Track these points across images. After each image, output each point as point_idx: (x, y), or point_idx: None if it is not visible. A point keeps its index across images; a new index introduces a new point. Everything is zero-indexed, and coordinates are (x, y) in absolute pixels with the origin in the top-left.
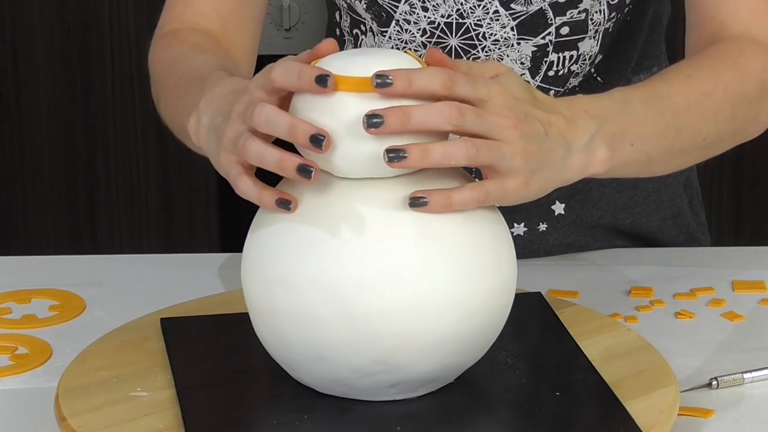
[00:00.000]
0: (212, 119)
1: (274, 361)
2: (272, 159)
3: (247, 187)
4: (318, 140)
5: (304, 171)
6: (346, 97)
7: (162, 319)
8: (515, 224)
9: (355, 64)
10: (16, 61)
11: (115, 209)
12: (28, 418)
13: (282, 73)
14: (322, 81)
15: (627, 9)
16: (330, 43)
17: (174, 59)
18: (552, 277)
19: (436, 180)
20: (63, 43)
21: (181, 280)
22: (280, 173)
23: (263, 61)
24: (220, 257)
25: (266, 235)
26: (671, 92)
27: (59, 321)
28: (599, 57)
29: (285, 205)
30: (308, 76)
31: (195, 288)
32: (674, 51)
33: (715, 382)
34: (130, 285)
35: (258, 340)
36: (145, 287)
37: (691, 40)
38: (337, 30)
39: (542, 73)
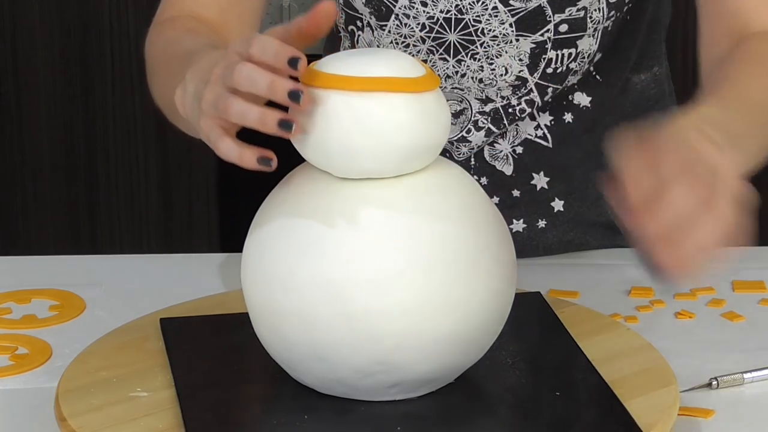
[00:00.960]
0: (196, 87)
1: (274, 361)
2: (254, 115)
3: (227, 148)
4: (296, 95)
5: (285, 125)
6: (339, 96)
7: (162, 319)
8: (514, 221)
9: (354, 64)
10: (16, 61)
11: (115, 209)
12: (28, 418)
13: (260, 49)
14: (293, 63)
15: (626, 8)
16: (329, 5)
17: (168, 42)
18: (552, 277)
19: (437, 179)
20: (63, 43)
21: (181, 280)
22: (261, 129)
23: None
24: (220, 257)
25: (266, 235)
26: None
27: (59, 321)
28: (598, 55)
29: (266, 162)
30: (282, 57)
31: (195, 288)
32: (674, 51)
33: (715, 382)
34: (130, 285)
35: (258, 340)
36: (145, 287)
37: (707, 33)
38: (333, 26)
39: (540, 70)
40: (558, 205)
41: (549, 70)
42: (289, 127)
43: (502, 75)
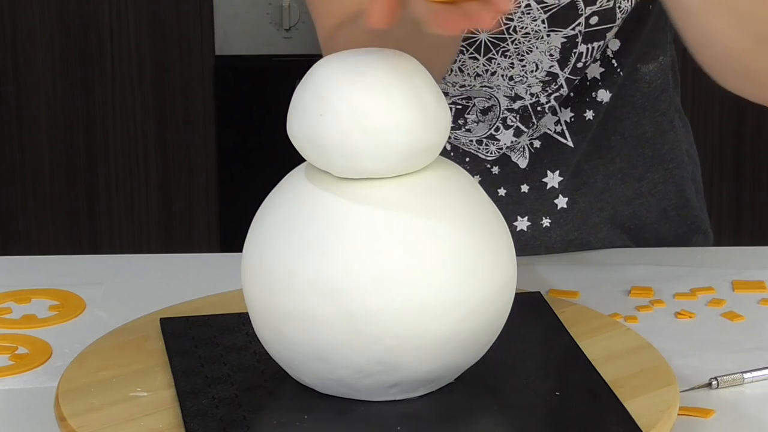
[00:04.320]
0: None
1: (274, 361)
2: None
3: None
4: None
5: None
6: (339, 95)
7: (162, 319)
8: (519, 218)
9: (355, 64)
10: (16, 61)
11: (115, 209)
12: (28, 418)
13: None
14: None
15: None
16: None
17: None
18: (552, 277)
19: (437, 179)
20: (63, 43)
21: (181, 280)
22: None
23: (263, 61)
24: (220, 257)
25: (266, 235)
26: None
27: (59, 321)
28: (617, 43)
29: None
30: None
31: (195, 288)
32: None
33: (715, 382)
34: (130, 285)
35: (258, 340)
36: (145, 287)
37: None
38: None
39: (571, 65)
40: (562, 201)
41: (579, 65)
42: None
43: (532, 71)
